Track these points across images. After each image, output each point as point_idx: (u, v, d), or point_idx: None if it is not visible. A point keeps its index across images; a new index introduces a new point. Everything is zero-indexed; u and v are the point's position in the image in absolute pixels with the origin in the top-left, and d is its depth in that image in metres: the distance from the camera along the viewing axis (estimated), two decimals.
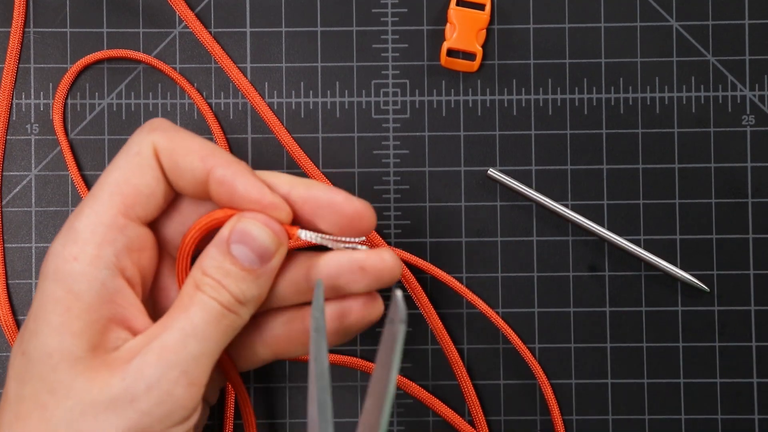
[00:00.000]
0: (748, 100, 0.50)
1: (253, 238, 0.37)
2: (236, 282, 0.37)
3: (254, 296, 0.38)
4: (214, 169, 0.38)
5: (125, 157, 0.38)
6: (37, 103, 0.50)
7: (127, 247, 0.37)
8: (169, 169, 0.38)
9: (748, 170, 0.50)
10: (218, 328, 0.37)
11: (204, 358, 0.37)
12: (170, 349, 0.36)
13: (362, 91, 0.50)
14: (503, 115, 0.50)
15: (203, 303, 0.37)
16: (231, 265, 0.37)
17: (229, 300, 0.37)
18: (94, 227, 0.37)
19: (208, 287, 0.37)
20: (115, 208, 0.37)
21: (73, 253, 0.37)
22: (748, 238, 0.49)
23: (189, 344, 0.36)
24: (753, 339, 0.49)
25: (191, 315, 0.37)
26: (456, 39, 0.49)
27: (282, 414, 0.49)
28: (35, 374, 0.36)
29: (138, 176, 0.38)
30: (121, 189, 0.38)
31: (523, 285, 0.49)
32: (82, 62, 0.49)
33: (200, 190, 0.38)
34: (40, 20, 0.50)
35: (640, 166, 0.50)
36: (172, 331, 0.36)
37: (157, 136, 0.38)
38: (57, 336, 0.36)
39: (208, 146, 0.38)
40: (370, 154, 0.50)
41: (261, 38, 0.50)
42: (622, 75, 0.50)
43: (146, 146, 0.38)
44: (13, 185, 0.49)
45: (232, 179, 0.38)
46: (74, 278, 0.36)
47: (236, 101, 0.50)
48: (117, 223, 0.37)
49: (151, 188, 0.38)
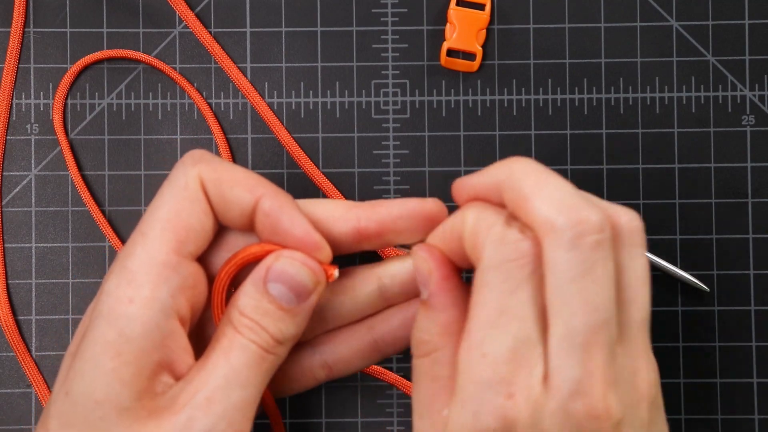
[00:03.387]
0: (748, 100, 0.50)
1: (290, 276, 0.37)
2: (274, 322, 0.37)
3: (292, 335, 0.37)
4: (261, 200, 0.37)
5: (172, 192, 0.37)
6: (37, 103, 0.50)
7: (180, 285, 0.36)
8: (217, 201, 0.37)
9: (748, 170, 0.50)
10: (259, 372, 0.36)
11: (247, 406, 0.36)
12: (216, 401, 0.35)
13: (362, 91, 0.50)
14: (503, 115, 0.50)
15: (243, 346, 0.36)
16: (269, 304, 0.37)
17: (268, 341, 0.37)
18: (148, 267, 0.36)
19: (247, 329, 0.36)
20: (168, 245, 0.36)
21: (128, 294, 0.36)
22: (748, 238, 0.49)
23: (233, 393, 0.36)
24: (753, 339, 0.49)
25: (232, 361, 0.36)
26: (456, 39, 0.49)
27: (282, 414, 0.49)
28: (81, 419, 0.35)
29: (188, 211, 0.37)
30: (173, 225, 0.36)
31: None
32: (82, 62, 0.49)
33: (247, 222, 0.38)
34: (40, 20, 0.50)
35: (640, 166, 0.50)
36: (215, 379, 0.36)
37: (203, 168, 0.37)
38: (106, 383, 0.35)
39: (254, 176, 0.37)
40: (370, 154, 0.50)
41: (261, 38, 0.50)
42: (622, 75, 0.50)
43: (192, 179, 0.37)
44: (13, 185, 0.49)
45: (279, 213, 0.37)
46: (128, 321, 0.35)
47: (236, 101, 0.50)
48: (170, 261, 0.36)
49: (202, 223, 0.37)
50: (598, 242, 0.32)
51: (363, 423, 0.49)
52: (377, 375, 0.49)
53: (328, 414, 0.49)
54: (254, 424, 0.45)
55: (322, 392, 0.49)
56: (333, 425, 0.49)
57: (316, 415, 0.49)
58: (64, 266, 0.49)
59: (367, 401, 0.49)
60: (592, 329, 0.32)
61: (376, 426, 0.49)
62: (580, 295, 0.32)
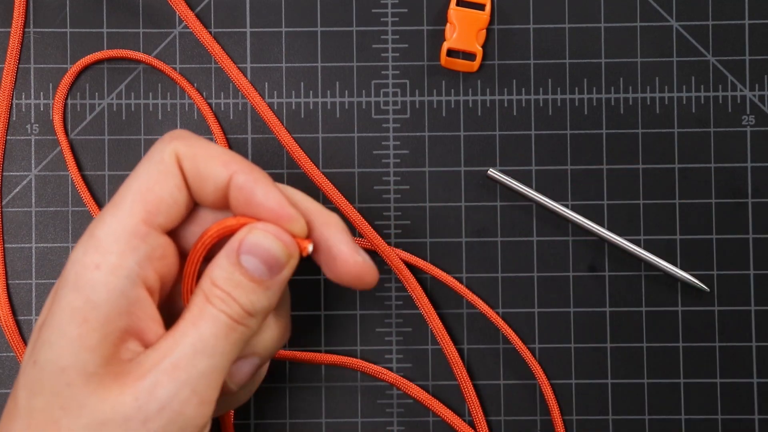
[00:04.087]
0: (748, 100, 0.50)
1: (263, 248, 0.37)
2: (246, 294, 0.37)
3: (263, 307, 0.37)
4: (235, 175, 0.37)
5: (147, 165, 0.38)
6: (37, 103, 0.50)
7: (148, 255, 0.37)
8: (192, 176, 0.38)
9: (748, 170, 0.50)
10: (227, 342, 0.37)
11: (214, 375, 0.36)
12: (181, 368, 0.36)
13: (362, 91, 0.50)
14: (503, 115, 0.50)
15: (213, 316, 0.37)
16: (241, 276, 0.37)
17: (239, 312, 0.37)
18: (116, 235, 0.37)
19: (218, 299, 0.37)
20: (138, 216, 0.37)
21: (95, 261, 0.36)
22: (748, 238, 0.49)
23: (199, 361, 0.36)
24: (753, 339, 0.49)
25: (201, 329, 0.36)
26: (456, 39, 0.49)
27: (282, 414, 0.49)
28: (48, 387, 0.36)
29: (160, 184, 0.37)
30: (144, 197, 0.37)
31: (523, 285, 0.49)
32: (82, 62, 0.49)
33: (221, 197, 0.38)
34: (40, 20, 0.50)
35: (640, 166, 0.50)
36: (182, 347, 0.36)
37: (178, 144, 0.38)
38: (73, 349, 0.36)
39: (230, 153, 0.38)
40: (370, 154, 0.50)
41: (261, 38, 0.50)
42: (622, 75, 0.50)
43: (168, 154, 0.38)
44: (13, 185, 0.49)
45: (253, 186, 0.37)
46: (94, 288, 0.36)
47: (236, 101, 0.50)
48: (139, 231, 0.37)
49: (174, 196, 0.38)
50: None
51: (363, 423, 0.49)
52: (377, 375, 0.49)
53: (328, 414, 0.49)
54: (254, 425, 0.45)
55: (322, 392, 0.49)
56: (333, 425, 0.49)
57: (316, 415, 0.49)
58: (64, 266, 0.49)
59: (367, 401, 0.49)
60: None
61: (376, 426, 0.49)
62: None
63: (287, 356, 0.49)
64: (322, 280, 0.49)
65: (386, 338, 0.49)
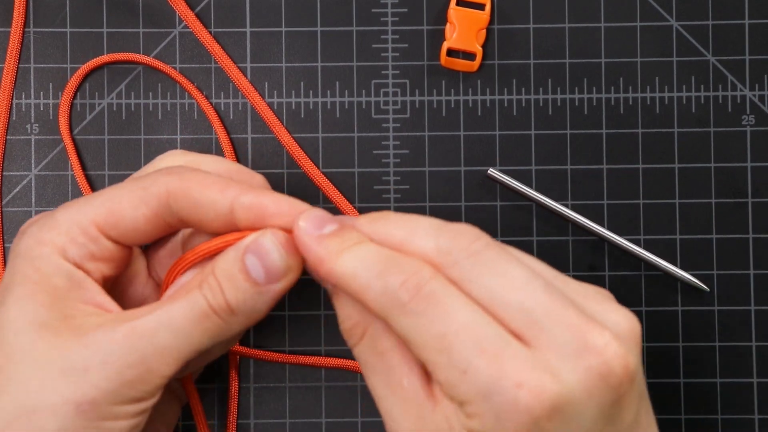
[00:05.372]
0: (748, 100, 0.50)
1: (266, 252, 0.37)
2: (235, 289, 0.37)
3: (248, 309, 0.37)
4: (238, 198, 0.38)
5: (133, 184, 0.39)
6: (37, 103, 0.50)
7: (92, 254, 0.38)
8: (190, 209, 0.38)
9: (748, 170, 0.50)
10: (196, 327, 0.37)
11: (172, 352, 0.36)
12: (138, 334, 0.36)
13: (362, 91, 0.50)
14: (503, 115, 0.50)
15: (191, 298, 0.37)
16: (238, 271, 0.37)
17: (220, 303, 0.37)
18: (70, 225, 0.38)
19: (206, 286, 0.37)
20: (96, 218, 0.38)
21: (46, 238, 0.37)
22: (748, 237, 0.49)
23: (160, 333, 0.36)
24: (753, 339, 0.49)
25: (174, 307, 0.37)
26: (456, 39, 0.49)
27: (282, 414, 0.49)
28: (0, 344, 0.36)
29: (131, 206, 0.38)
30: (112, 206, 0.38)
31: None
32: (88, 65, 0.49)
33: (224, 223, 0.38)
34: (40, 20, 0.50)
35: (640, 166, 0.50)
36: (147, 318, 0.37)
37: (171, 180, 0.38)
38: (21, 304, 0.37)
39: (224, 179, 0.38)
40: (370, 154, 0.50)
41: (261, 38, 0.50)
42: (622, 75, 0.50)
43: (156, 187, 0.38)
44: (13, 185, 0.49)
45: (260, 201, 0.37)
46: (42, 260, 0.37)
47: (236, 101, 0.50)
48: (89, 231, 0.38)
49: (136, 223, 0.38)
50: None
51: (363, 423, 0.49)
52: None
53: (328, 414, 0.49)
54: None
55: (322, 392, 0.49)
56: (333, 425, 0.49)
57: (316, 415, 0.49)
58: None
59: (367, 401, 0.49)
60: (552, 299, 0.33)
61: (376, 427, 0.49)
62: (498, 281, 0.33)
63: (288, 359, 0.49)
64: None
65: None
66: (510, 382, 0.32)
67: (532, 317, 0.33)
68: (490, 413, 0.32)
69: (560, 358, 0.32)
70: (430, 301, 0.33)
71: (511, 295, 0.33)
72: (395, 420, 0.35)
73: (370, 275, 0.34)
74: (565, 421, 0.32)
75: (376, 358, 0.36)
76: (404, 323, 0.33)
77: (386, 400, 0.36)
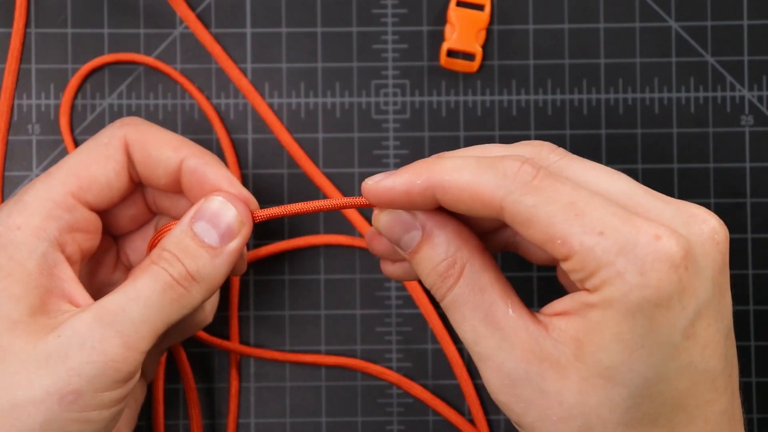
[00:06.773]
0: (747, 101, 0.50)
1: (216, 215, 0.38)
2: (192, 258, 0.38)
3: (209, 275, 0.38)
4: (186, 159, 0.39)
5: (92, 145, 0.39)
6: (38, 104, 0.50)
7: (70, 225, 0.38)
8: (142, 161, 0.39)
9: (747, 170, 0.50)
10: (164, 298, 0.37)
11: (145, 325, 0.37)
12: (109, 311, 0.36)
13: (362, 91, 0.50)
14: (503, 115, 0.50)
15: (153, 273, 0.37)
16: (190, 241, 0.38)
17: (181, 273, 0.37)
18: (42, 201, 0.38)
19: (163, 260, 0.37)
20: (68, 187, 0.38)
21: (18, 222, 0.37)
22: (747, 237, 0.50)
23: (130, 308, 0.37)
24: (753, 339, 0.49)
25: (138, 283, 0.37)
26: (456, 39, 0.49)
27: (282, 414, 0.49)
28: None
29: (98, 165, 0.39)
30: (78, 172, 0.39)
31: (523, 284, 0.49)
32: (89, 66, 0.49)
33: (172, 181, 0.40)
34: (41, 21, 0.50)
35: (640, 166, 0.50)
36: (115, 295, 0.37)
37: (128, 130, 0.40)
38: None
39: (180, 138, 0.40)
40: (370, 154, 0.50)
41: (261, 39, 0.50)
42: (621, 75, 0.50)
43: (116, 139, 0.39)
44: (14, 185, 0.50)
45: (204, 169, 0.39)
46: (16, 247, 0.37)
47: (237, 101, 0.50)
48: (66, 202, 0.38)
49: (109, 180, 0.39)
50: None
51: (363, 423, 0.49)
52: (377, 375, 0.49)
53: (328, 414, 0.49)
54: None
55: (322, 392, 0.49)
56: (333, 425, 0.49)
57: (317, 414, 0.49)
58: None
59: (367, 401, 0.49)
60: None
61: (376, 426, 0.49)
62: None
63: (288, 358, 0.49)
64: (322, 280, 0.50)
65: (386, 338, 0.49)
66: (648, 235, 0.32)
67: (635, 199, 0.34)
68: (633, 268, 0.32)
69: (674, 225, 0.34)
70: (552, 177, 0.34)
71: (610, 182, 0.35)
72: (502, 358, 0.34)
73: (481, 165, 0.34)
74: (695, 272, 0.33)
75: (477, 294, 0.35)
76: (530, 201, 0.33)
77: (490, 338, 0.35)
